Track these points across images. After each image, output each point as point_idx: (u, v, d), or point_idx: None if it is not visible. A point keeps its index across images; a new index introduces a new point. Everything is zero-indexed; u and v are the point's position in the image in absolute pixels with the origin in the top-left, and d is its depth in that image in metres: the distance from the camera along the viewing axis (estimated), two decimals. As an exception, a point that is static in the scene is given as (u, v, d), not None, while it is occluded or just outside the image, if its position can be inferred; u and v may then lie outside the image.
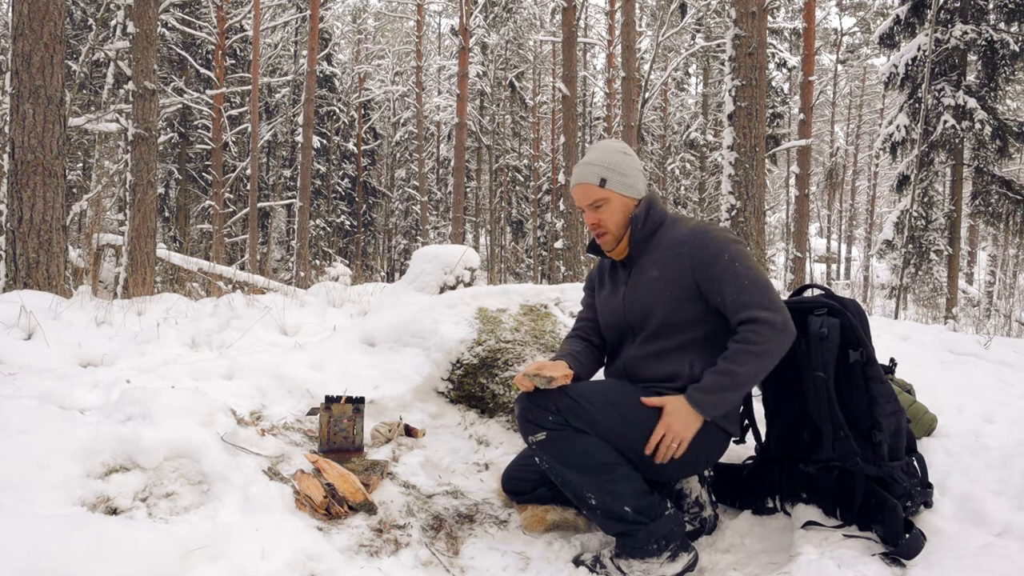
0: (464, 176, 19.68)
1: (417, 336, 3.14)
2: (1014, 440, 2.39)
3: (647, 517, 1.93)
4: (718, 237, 2.01)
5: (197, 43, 20.02)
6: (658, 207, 2.14)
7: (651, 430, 1.94)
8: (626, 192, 2.11)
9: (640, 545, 1.93)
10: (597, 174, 2.10)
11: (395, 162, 31.12)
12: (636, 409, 1.97)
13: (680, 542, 1.97)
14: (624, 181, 2.10)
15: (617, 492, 1.92)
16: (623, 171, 2.10)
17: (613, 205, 2.10)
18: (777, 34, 17.07)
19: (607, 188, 2.10)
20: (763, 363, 1.92)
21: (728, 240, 2.01)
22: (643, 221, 2.10)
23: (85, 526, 1.58)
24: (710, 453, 2.07)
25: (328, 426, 2.44)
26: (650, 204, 2.13)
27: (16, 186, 4.97)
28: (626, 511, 1.92)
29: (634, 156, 2.17)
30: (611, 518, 1.95)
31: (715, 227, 2.05)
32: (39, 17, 4.93)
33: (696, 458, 2.03)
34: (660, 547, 1.93)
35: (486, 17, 22.72)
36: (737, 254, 1.98)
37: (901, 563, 1.80)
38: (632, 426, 1.95)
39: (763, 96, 6.95)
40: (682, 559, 1.96)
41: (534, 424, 1.95)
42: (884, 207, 33.84)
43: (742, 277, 1.95)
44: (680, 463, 2.00)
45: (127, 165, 7.94)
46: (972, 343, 3.64)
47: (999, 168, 11.77)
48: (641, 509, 1.92)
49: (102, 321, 3.88)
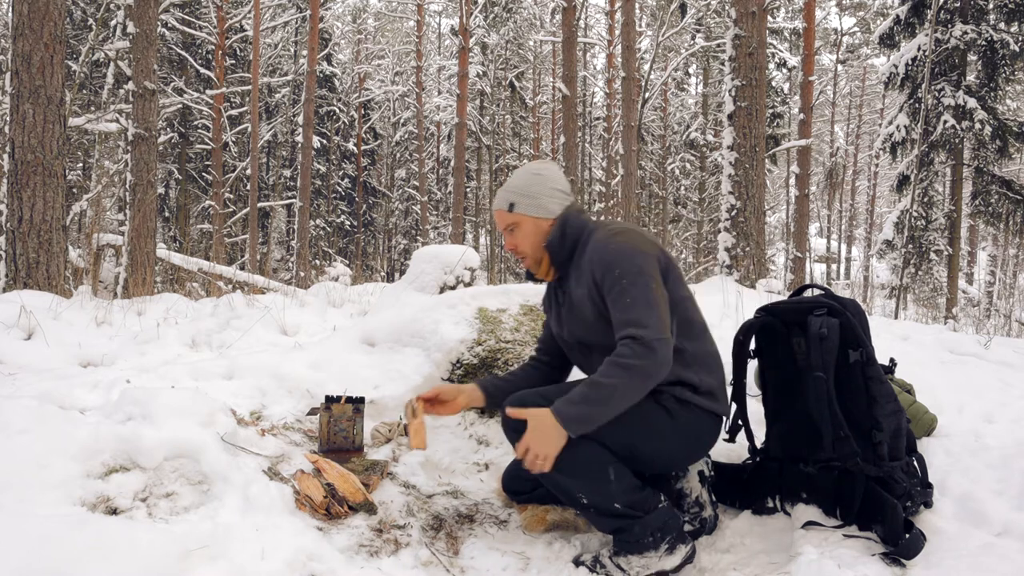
0: (464, 176, 19.68)
1: (417, 336, 3.14)
2: (1014, 440, 2.39)
3: (640, 511, 1.93)
4: (614, 250, 1.95)
5: (197, 43, 20.02)
6: (574, 223, 2.09)
7: (636, 422, 1.92)
8: (537, 214, 2.09)
9: (636, 540, 1.93)
10: (506, 199, 2.11)
11: (395, 162, 31.11)
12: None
13: (677, 534, 1.96)
14: (534, 203, 2.08)
15: (607, 490, 1.92)
16: (532, 193, 2.09)
17: (525, 228, 2.10)
18: (777, 34, 17.07)
19: (516, 212, 2.09)
20: (632, 380, 1.82)
21: (623, 253, 1.93)
22: (559, 241, 2.08)
23: (85, 526, 1.58)
24: (699, 439, 2.04)
25: (328, 426, 2.44)
26: (564, 222, 2.08)
27: (16, 186, 4.97)
28: (617, 507, 1.92)
29: (549, 176, 2.12)
30: (604, 515, 1.95)
31: (619, 237, 1.98)
32: (39, 17, 4.93)
33: (684, 446, 2.02)
34: (656, 540, 1.93)
35: (486, 17, 22.73)
36: (627, 270, 1.90)
37: (901, 563, 1.80)
38: (616, 420, 1.92)
39: (763, 96, 6.95)
40: (680, 551, 1.96)
41: (517, 431, 1.95)
42: (884, 207, 33.83)
43: (626, 295, 1.89)
44: (667, 454, 2.01)
45: (127, 165, 7.94)
46: (972, 343, 3.64)
47: (999, 168, 11.76)
48: (633, 504, 1.92)
49: (102, 321, 3.88)
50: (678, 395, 1.97)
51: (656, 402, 1.95)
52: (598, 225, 2.09)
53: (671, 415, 1.96)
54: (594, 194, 26.28)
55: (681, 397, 1.97)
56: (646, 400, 1.91)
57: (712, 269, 16.89)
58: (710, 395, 2.01)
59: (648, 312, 1.86)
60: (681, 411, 1.97)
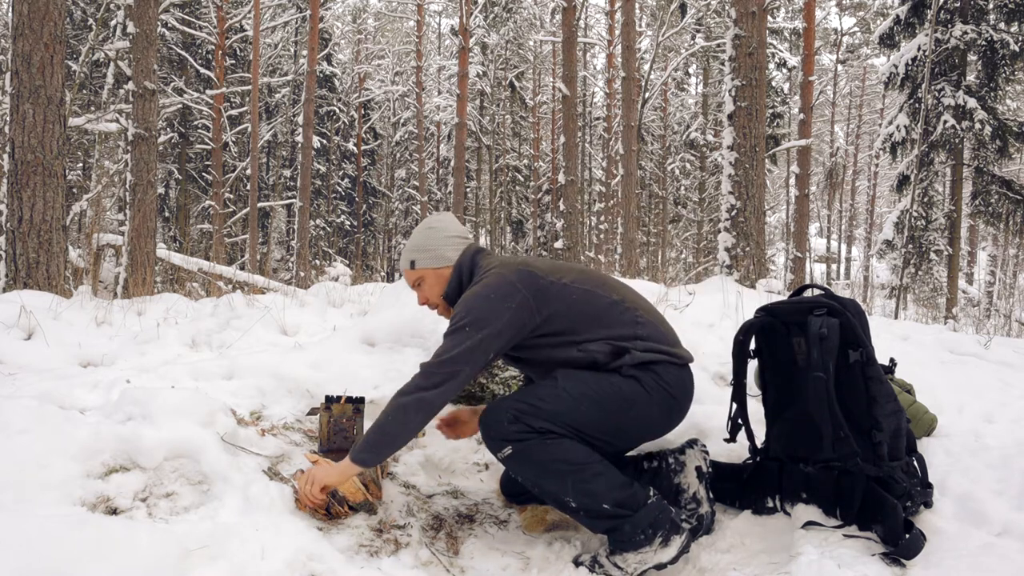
0: (464, 176, 19.68)
1: (417, 336, 3.14)
2: (1014, 440, 2.39)
3: (629, 509, 1.94)
4: (469, 295, 2.04)
5: (197, 43, 20.02)
6: (467, 266, 2.18)
7: (610, 398, 1.98)
8: (436, 264, 2.20)
9: (628, 538, 1.94)
10: (407, 259, 2.24)
11: (395, 162, 31.12)
12: (589, 386, 1.99)
13: (670, 525, 1.97)
14: (430, 255, 2.20)
15: (594, 491, 1.93)
16: (426, 247, 2.20)
17: (429, 281, 2.22)
18: (777, 34, 17.08)
19: (417, 268, 2.22)
20: (399, 410, 1.93)
21: (474, 297, 2.01)
22: (456, 287, 2.19)
23: (85, 526, 1.58)
24: (674, 391, 2.05)
25: (328, 426, 2.44)
26: (459, 268, 2.19)
27: (16, 186, 4.97)
28: (605, 508, 1.93)
29: (441, 227, 2.23)
30: (594, 517, 1.97)
31: (482, 281, 2.05)
32: (39, 17, 4.93)
33: (663, 404, 2.04)
34: (648, 536, 1.94)
35: (486, 17, 22.73)
36: (466, 313, 1.98)
37: (901, 563, 1.80)
38: (592, 402, 1.97)
39: (763, 96, 6.95)
40: (675, 542, 1.96)
41: (499, 439, 1.97)
42: (884, 207, 33.82)
43: (446, 333, 2.00)
44: (653, 418, 2.05)
45: (127, 165, 7.94)
46: (972, 343, 3.64)
47: (999, 168, 11.76)
48: (621, 502, 1.94)
49: (102, 321, 3.88)
50: (631, 362, 2.00)
51: (621, 375, 2.01)
52: (484, 267, 2.15)
53: (639, 381, 2.00)
54: (594, 194, 26.29)
55: (635, 362, 2.01)
56: (611, 378, 2.00)
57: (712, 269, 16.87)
58: (652, 344, 2.05)
59: (443, 353, 1.96)
60: (646, 375, 2.01)
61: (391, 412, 1.94)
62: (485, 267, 2.14)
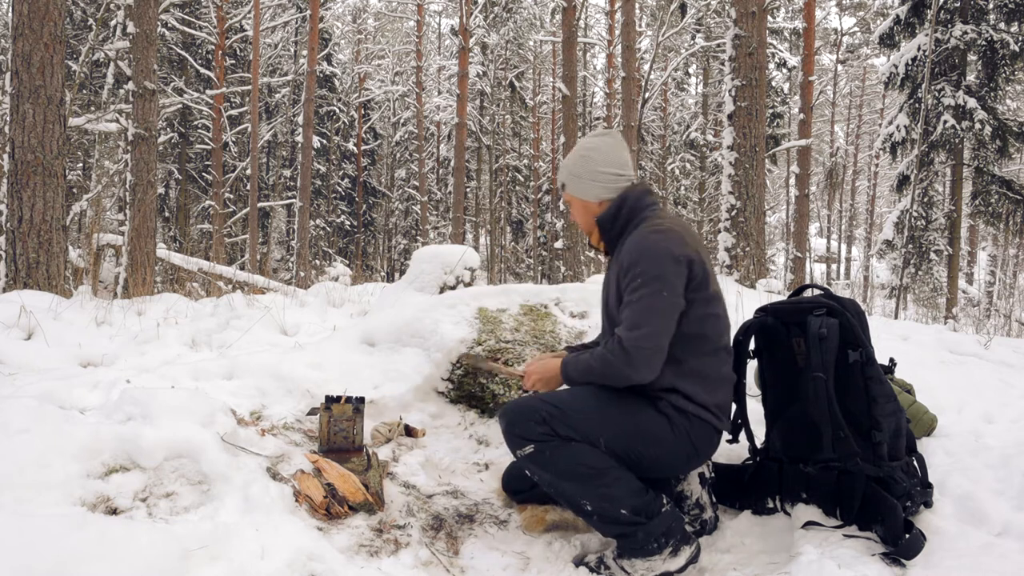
0: (464, 176, 19.67)
1: (417, 336, 3.14)
2: (1014, 440, 2.39)
3: (644, 516, 1.93)
4: (645, 246, 1.97)
5: (197, 43, 20.01)
6: (631, 205, 2.11)
7: (637, 428, 1.96)
8: (582, 195, 2.18)
9: (640, 545, 1.94)
10: (561, 179, 2.23)
11: (395, 162, 31.09)
12: (621, 408, 1.97)
13: (681, 536, 1.97)
14: (578, 185, 2.18)
15: (612, 496, 1.92)
16: (578, 174, 2.17)
17: (575, 207, 2.22)
18: (777, 34, 17.07)
19: (567, 192, 2.22)
20: (607, 372, 1.96)
21: (652, 252, 1.95)
22: (611, 220, 2.14)
23: (85, 526, 1.58)
24: (697, 447, 2.04)
25: (328, 426, 2.44)
26: (621, 203, 2.12)
27: (16, 186, 4.97)
28: (622, 513, 1.92)
29: (596, 157, 2.14)
30: (608, 522, 1.96)
31: (656, 234, 1.99)
32: (39, 17, 4.93)
33: (683, 453, 2.02)
34: (660, 545, 1.94)
35: (486, 17, 22.72)
36: (646, 270, 1.93)
37: (901, 563, 1.80)
38: (618, 426, 1.95)
39: (763, 96, 6.95)
40: (684, 553, 1.96)
41: (521, 438, 1.97)
42: (884, 207, 33.82)
43: (634, 293, 1.94)
44: (668, 460, 2.01)
45: (127, 165, 7.94)
46: (972, 343, 3.64)
47: (999, 168, 11.75)
48: (637, 509, 1.93)
49: (102, 321, 3.88)
50: (674, 403, 1.98)
51: (656, 410, 1.98)
52: (650, 215, 2.10)
53: (670, 422, 1.97)
54: (594, 194, 26.18)
55: (677, 405, 1.98)
56: (647, 407, 1.97)
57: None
58: (706, 409, 2.01)
59: (642, 317, 1.91)
60: (680, 419, 1.98)
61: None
62: (652, 218, 2.07)
